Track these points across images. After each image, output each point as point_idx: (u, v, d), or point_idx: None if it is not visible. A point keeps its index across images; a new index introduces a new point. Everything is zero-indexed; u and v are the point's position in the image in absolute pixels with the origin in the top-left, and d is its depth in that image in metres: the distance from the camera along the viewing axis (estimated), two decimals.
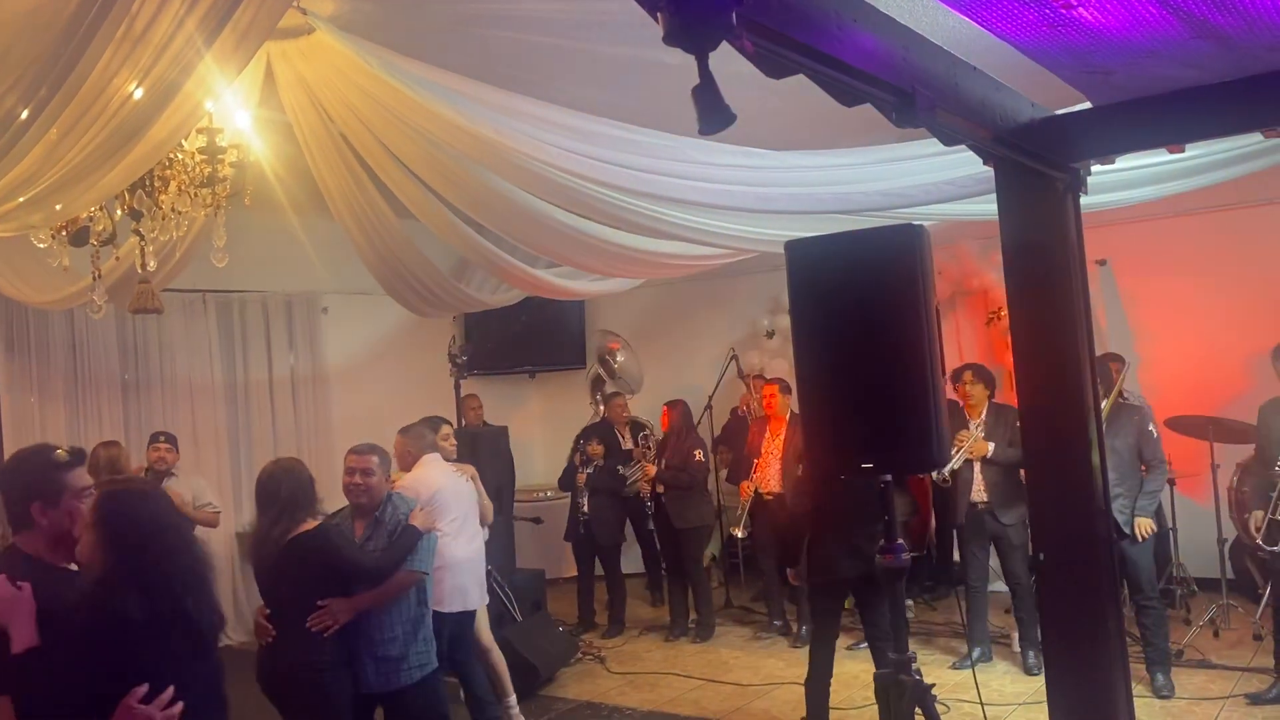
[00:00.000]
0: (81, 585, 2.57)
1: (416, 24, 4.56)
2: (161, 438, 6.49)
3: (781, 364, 8.99)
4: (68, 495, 2.70)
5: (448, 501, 5.06)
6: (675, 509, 7.48)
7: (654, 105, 4.77)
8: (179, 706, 2.45)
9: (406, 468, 5.28)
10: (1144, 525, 5.56)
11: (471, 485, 5.46)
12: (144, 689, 2.40)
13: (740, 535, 7.44)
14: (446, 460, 5.46)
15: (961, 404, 6.32)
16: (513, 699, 5.59)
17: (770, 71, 1.91)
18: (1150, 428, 5.69)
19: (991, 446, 5.83)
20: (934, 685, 3.38)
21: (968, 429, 6.18)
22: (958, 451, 6.05)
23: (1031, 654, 6.07)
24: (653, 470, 7.55)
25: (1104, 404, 5.49)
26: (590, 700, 6.27)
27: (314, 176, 5.17)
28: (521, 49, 4.85)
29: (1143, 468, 5.63)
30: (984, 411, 6.23)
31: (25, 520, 2.69)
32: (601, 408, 8.50)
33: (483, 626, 5.51)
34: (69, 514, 2.68)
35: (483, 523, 5.48)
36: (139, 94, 3.40)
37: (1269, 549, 5.28)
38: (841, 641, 6.91)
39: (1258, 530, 5.40)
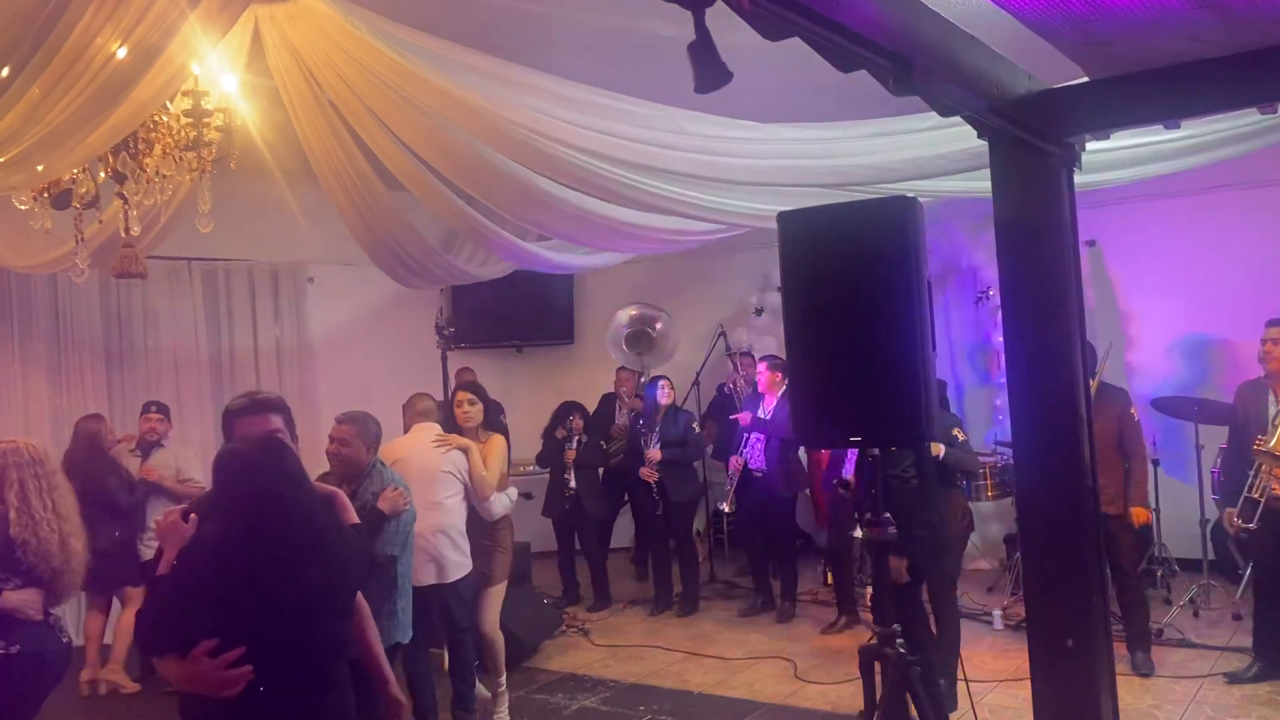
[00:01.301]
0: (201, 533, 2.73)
1: None
2: (153, 408, 6.44)
3: (770, 341, 8.98)
4: None
5: (404, 473, 5.02)
6: (673, 482, 7.48)
7: (645, 76, 4.73)
8: (246, 669, 2.50)
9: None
10: (1139, 515, 5.58)
11: (452, 457, 5.22)
12: (214, 643, 2.50)
13: (727, 510, 7.45)
14: (462, 429, 5.38)
15: None
16: (503, 678, 5.48)
17: (766, 32, 1.88)
18: (1131, 410, 5.70)
19: (943, 449, 5.57)
20: (916, 659, 3.39)
21: None
22: None
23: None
24: (656, 455, 7.50)
25: (1094, 384, 5.52)
26: (574, 672, 6.28)
27: (301, 143, 5.11)
28: (512, 17, 4.79)
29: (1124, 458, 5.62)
30: None
31: None
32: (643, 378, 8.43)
33: (485, 609, 5.34)
34: None
35: (476, 498, 5.31)
36: (122, 54, 3.34)
37: (1246, 526, 5.31)
38: (818, 623, 6.98)
39: (1230, 524, 5.45)
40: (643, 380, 8.43)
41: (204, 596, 2.57)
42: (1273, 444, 5.17)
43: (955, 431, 5.76)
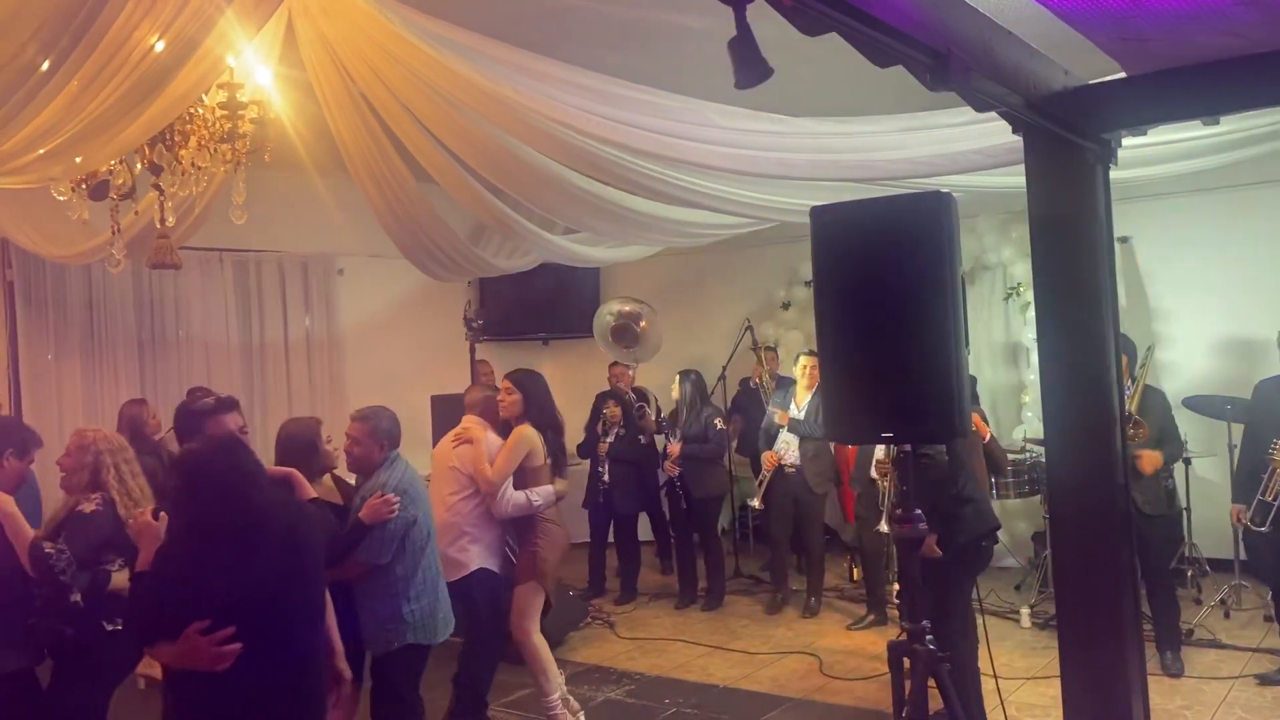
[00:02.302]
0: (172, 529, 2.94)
1: None
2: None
3: (797, 336, 8.95)
4: None
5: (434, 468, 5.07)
6: (694, 478, 7.48)
7: (675, 69, 4.73)
8: (236, 646, 2.71)
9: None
10: (1150, 459, 5.43)
11: (459, 452, 5.10)
12: (206, 624, 2.70)
13: (756, 505, 7.44)
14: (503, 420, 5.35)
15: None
16: (553, 696, 5.17)
17: (805, 28, 1.88)
18: (1171, 412, 5.66)
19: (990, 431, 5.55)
20: (946, 655, 3.38)
21: None
22: None
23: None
24: (676, 449, 7.50)
25: (1135, 387, 5.47)
26: (599, 664, 6.30)
27: (333, 136, 5.14)
28: (543, 10, 4.80)
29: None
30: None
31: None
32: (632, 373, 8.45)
33: (510, 613, 5.14)
34: None
35: (485, 496, 5.20)
36: (160, 47, 3.38)
37: (1257, 529, 5.27)
38: (844, 618, 6.98)
39: (1238, 521, 5.41)
40: (632, 374, 8.41)
41: (186, 587, 2.77)
42: None
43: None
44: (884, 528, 5.64)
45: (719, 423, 7.55)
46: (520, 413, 5.14)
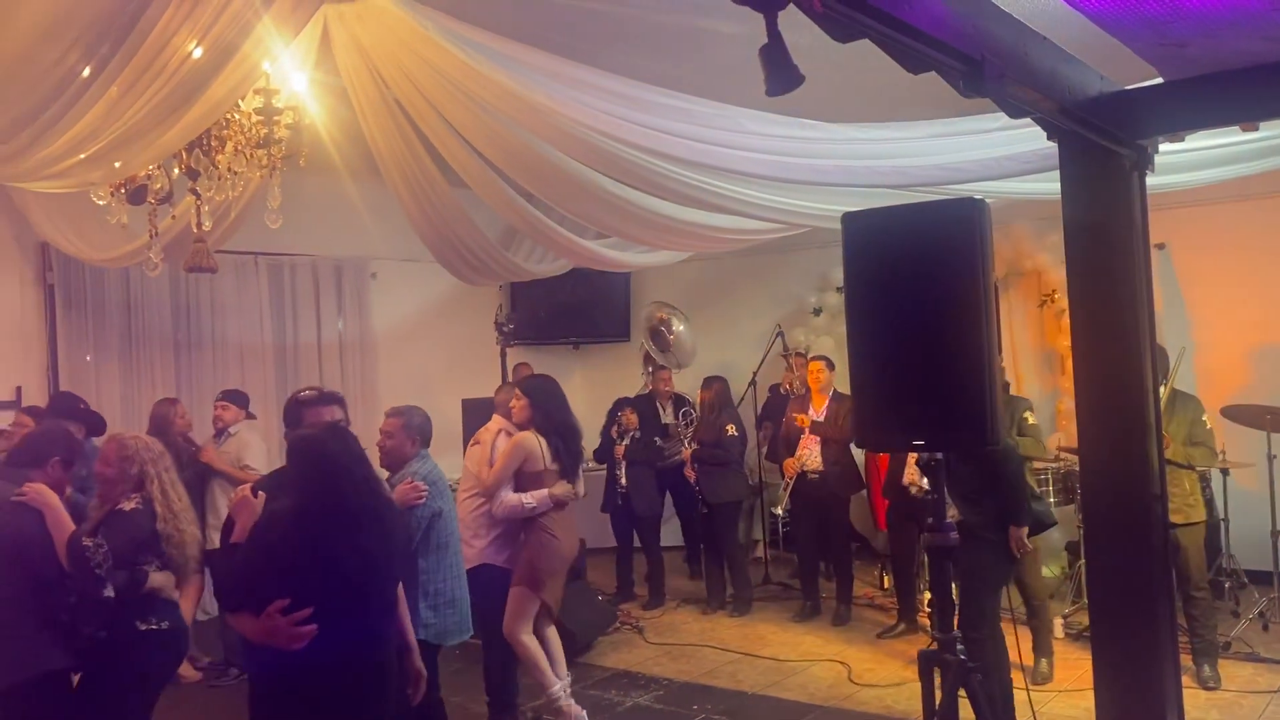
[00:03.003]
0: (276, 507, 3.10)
1: None
2: (221, 397, 6.59)
3: (828, 341, 8.91)
4: None
5: None
6: (708, 485, 7.47)
7: (707, 75, 4.73)
8: (311, 628, 2.85)
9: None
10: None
11: (472, 452, 5.37)
12: (285, 603, 2.85)
13: (780, 513, 7.41)
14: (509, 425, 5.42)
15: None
16: (555, 687, 5.25)
17: (837, 35, 1.87)
18: (1204, 419, 5.57)
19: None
20: (976, 665, 3.35)
21: None
22: None
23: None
24: (688, 453, 7.52)
25: (1164, 390, 5.40)
26: (627, 669, 6.30)
27: (367, 141, 5.19)
28: (576, 15, 4.82)
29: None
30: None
31: None
32: (647, 377, 8.50)
33: (504, 612, 5.18)
34: None
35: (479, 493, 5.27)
36: (198, 53, 3.43)
37: None
38: (874, 626, 6.94)
39: None
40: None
41: (277, 562, 2.92)
42: None
43: (1026, 414, 5.84)
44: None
45: (731, 429, 7.51)
46: (527, 418, 5.28)
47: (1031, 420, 5.85)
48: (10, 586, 3.62)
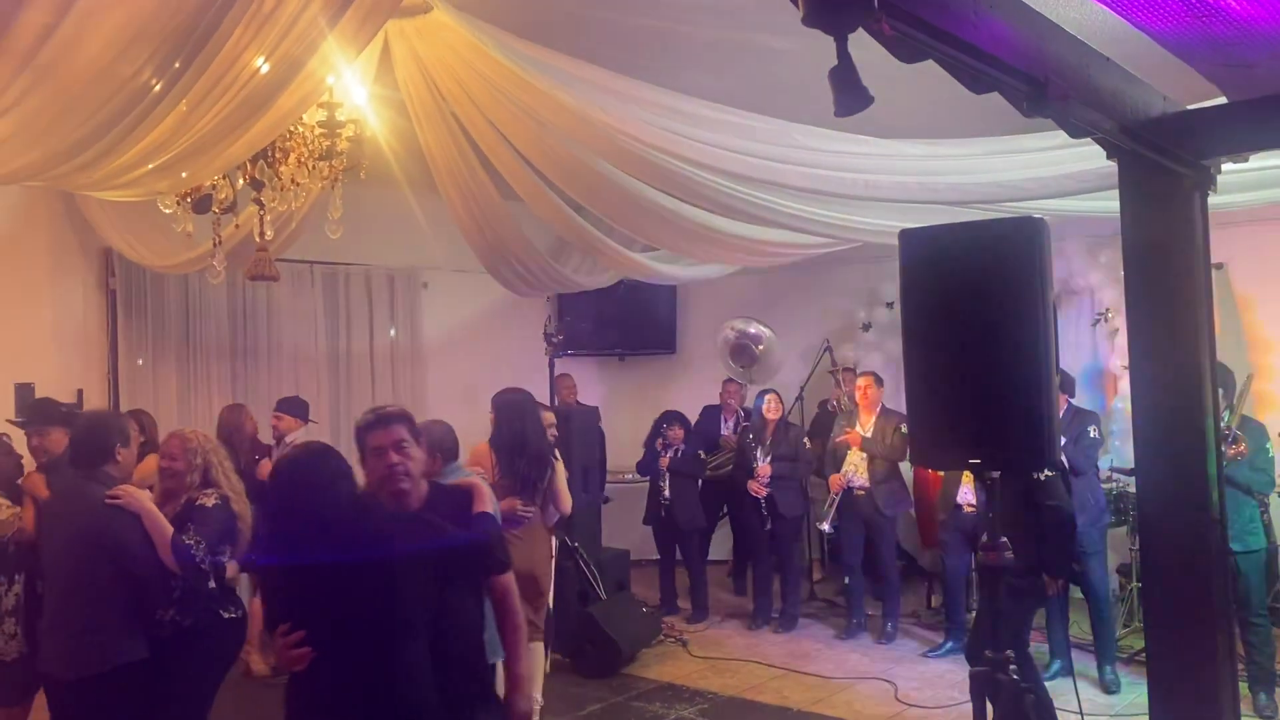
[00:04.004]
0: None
1: (530, 5, 4.61)
2: (280, 406, 6.70)
3: (876, 357, 8.85)
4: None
5: None
6: (782, 498, 7.43)
7: (761, 90, 4.75)
8: (305, 650, 2.70)
9: None
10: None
11: None
12: (288, 626, 2.73)
13: (826, 530, 7.37)
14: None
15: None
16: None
17: (903, 56, 1.88)
18: (1267, 445, 5.47)
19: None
20: (1030, 686, 3.32)
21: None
22: None
23: (1109, 669, 5.87)
24: (767, 471, 7.45)
25: (1233, 417, 5.32)
26: (671, 682, 6.30)
27: (423, 153, 5.27)
28: (631, 32, 4.86)
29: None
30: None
31: None
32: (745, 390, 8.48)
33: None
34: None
35: None
36: (265, 69, 3.51)
37: None
38: (920, 645, 6.88)
39: None
40: (744, 393, 8.43)
41: (264, 584, 3.02)
42: None
43: (1090, 429, 5.84)
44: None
45: (806, 442, 7.51)
46: (493, 432, 5.14)
47: (1093, 434, 5.80)
48: (104, 584, 3.75)
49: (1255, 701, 5.35)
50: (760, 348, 8.48)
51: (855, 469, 7.13)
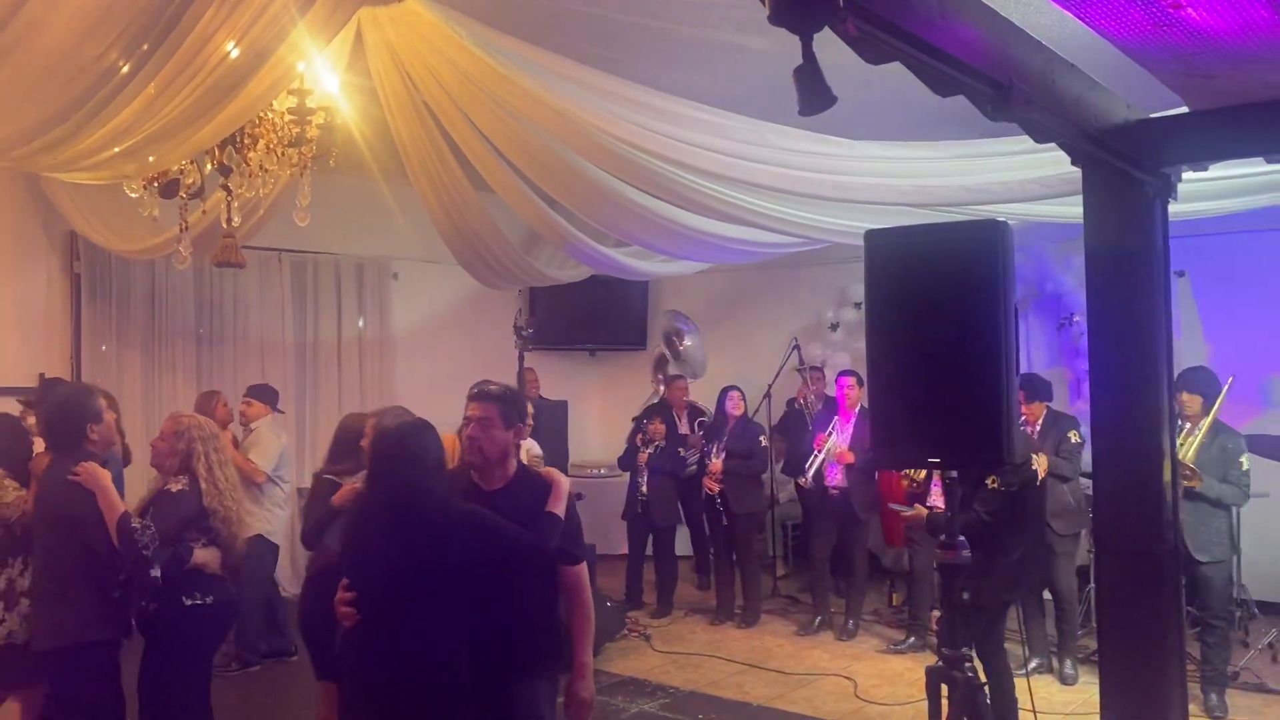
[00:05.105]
0: None
1: None
2: (246, 392, 6.67)
3: (844, 357, 8.92)
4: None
5: None
6: (735, 494, 7.47)
7: (734, 89, 4.77)
8: (350, 610, 2.97)
9: None
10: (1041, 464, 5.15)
11: None
12: (346, 583, 3.01)
13: (805, 485, 7.29)
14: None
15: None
16: None
17: (869, 57, 1.90)
18: (1241, 459, 5.54)
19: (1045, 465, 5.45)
20: (985, 684, 3.36)
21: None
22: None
23: (1070, 663, 6.03)
24: (719, 467, 7.51)
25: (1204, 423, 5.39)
26: (634, 676, 6.32)
27: (395, 142, 5.24)
28: (607, 27, 4.87)
29: None
30: None
31: None
32: (662, 387, 8.55)
33: None
34: None
35: None
36: (235, 54, 3.48)
37: None
38: (880, 642, 6.95)
39: None
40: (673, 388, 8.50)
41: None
42: None
43: (1071, 434, 5.91)
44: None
45: (764, 440, 7.55)
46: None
47: (1075, 439, 5.87)
48: (63, 559, 3.78)
49: (1206, 701, 5.44)
50: (684, 342, 8.58)
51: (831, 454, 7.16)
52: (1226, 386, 5.74)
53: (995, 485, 4.49)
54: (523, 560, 3.07)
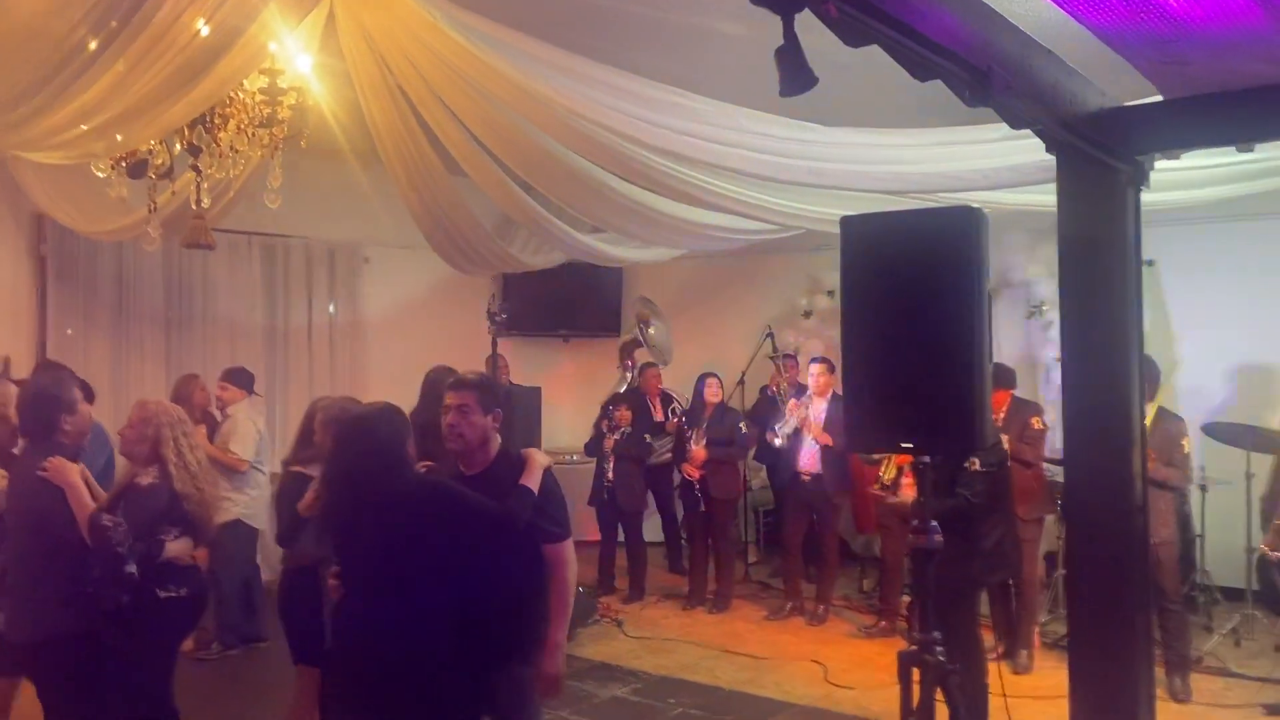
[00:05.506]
0: None
1: None
2: (221, 375, 6.61)
3: (817, 344, 8.95)
4: None
5: None
6: (715, 480, 7.50)
7: (709, 74, 4.76)
8: (337, 584, 3.12)
9: None
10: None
11: None
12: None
13: (778, 444, 7.33)
14: None
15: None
16: None
17: (849, 39, 1.90)
18: (1184, 442, 5.64)
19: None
20: (955, 667, 3.39)
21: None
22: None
23: (1025, 654, 6.09)
24: (703, 455, 7.52)
25: (1150, 408, 5.46)
26: (606, 661, 6.33)
27: (368, 126, 5.19)
28: (582, 10, 4.83)
29: None
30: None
31: None
32: (629, 374, 8.55)
33: None
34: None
35: None
36: (205, 32, 3.44)
37: (1276, 556, 5.30)
38: (851, 627, 7.01)
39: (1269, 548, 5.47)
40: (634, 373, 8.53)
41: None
42: None
43: (1034, 420, 5.95)
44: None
45: (743, 426, 7.57)
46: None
47: (1037, 425, 5.93)
48: (35, 553, 3.74)
49: (1170, 685, 5.52)
50: (650, 331, 8.63)
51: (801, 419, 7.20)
52: (1170, 371, 5.86)
53: (977, 467, 4.55)
54: (488, 528, 3.11)
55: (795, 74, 1.79)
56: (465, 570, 3.01)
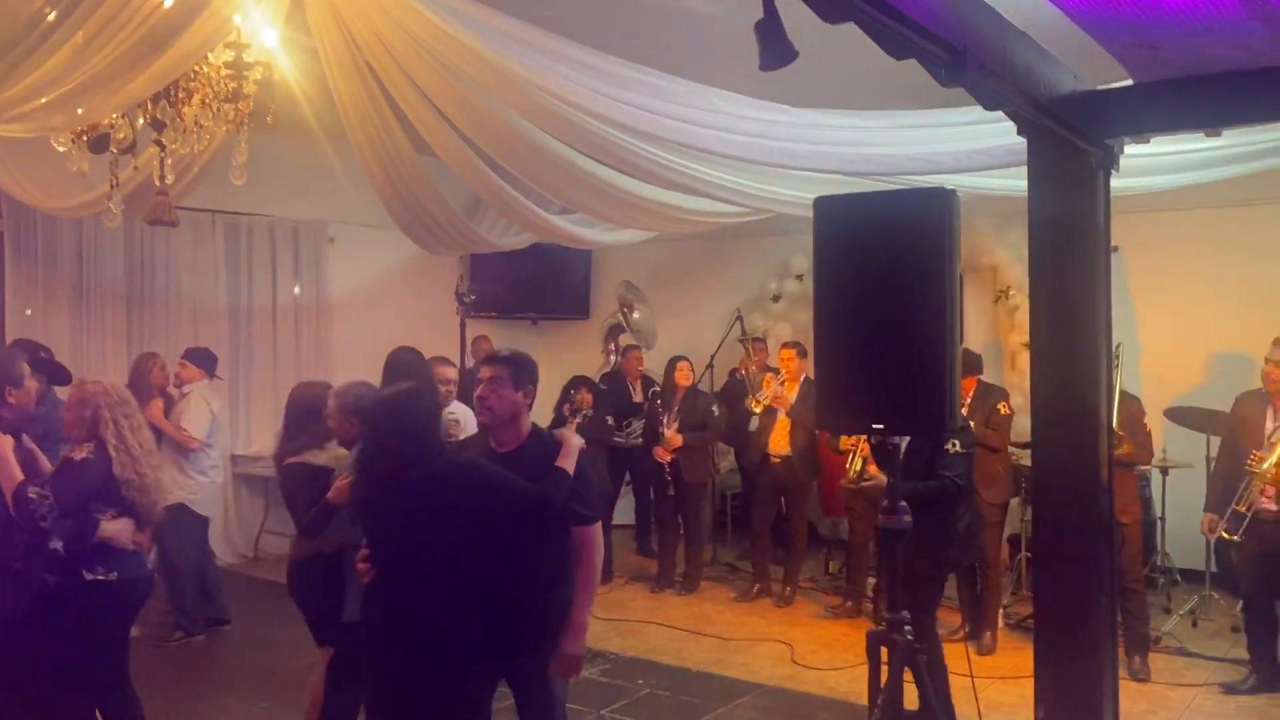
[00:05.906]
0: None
1: None
2: (184, 354, 6.53)
3: (786, 329, 8.98)
4: None
5: None
6: (688, 463, 7.51)
7: (681, 54, 4.73)
8: (367, 566, 3.15)
9: None
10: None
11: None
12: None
13: (757, 410, 7.35)
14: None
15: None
16: None
17: (826, 15, 1.88)
18: (1145, 421, 5.73)
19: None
20: (923, 647, 3.42)
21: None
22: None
23: (989, 635, 6.16)
24: (679, 440, 7.52)
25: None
26: None
27: (334, 102, 5.11)
28: None
29: None
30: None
31: None
32: (613, 357, 8.52)
33: None
34: None
35: None
36: (169, 3, 3.37)
37: (1230, 538, 5.41)
38: (817, 609, 7.06)
39: (1210, 531, 5.61)
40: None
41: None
42: (1268, 464, 5.20)
43: (1000, 405, 6.00)
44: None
45: (715, 409, 7.58)
46: None
47: (1004, 410, 5.97)
48: None
49: (1130, 664, 5.62)
50: (634, 315, 8.64)
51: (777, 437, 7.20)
52: (1117, 348, 5.94)
53: (956, 449, 4.58)
54: (525, 511, 3.17)
55: (776, 47, 1.77)
56: (498, 551, 3.11)
